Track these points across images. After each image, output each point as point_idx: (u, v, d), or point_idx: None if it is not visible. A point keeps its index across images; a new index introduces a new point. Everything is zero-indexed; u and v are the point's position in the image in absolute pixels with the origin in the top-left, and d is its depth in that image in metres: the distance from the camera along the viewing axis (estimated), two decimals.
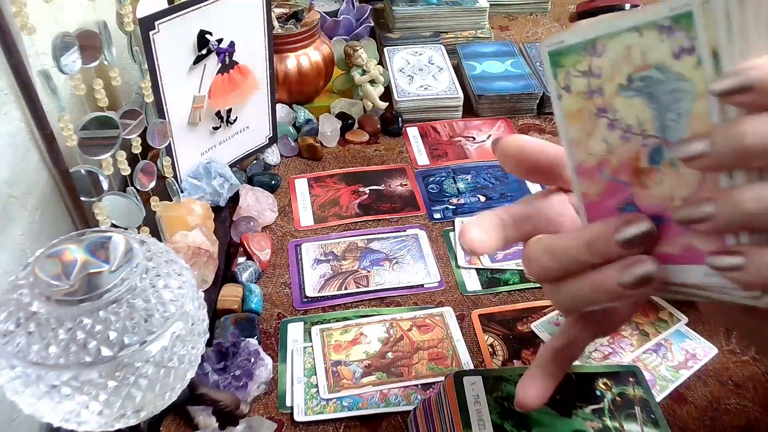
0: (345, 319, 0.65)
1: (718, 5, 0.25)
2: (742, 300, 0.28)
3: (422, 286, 0.69)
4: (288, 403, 0.57)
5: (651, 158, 0.29)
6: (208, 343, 0.57)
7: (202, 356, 0.45)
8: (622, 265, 0.30)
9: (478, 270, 0.71)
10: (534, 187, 0.83)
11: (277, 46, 0.85)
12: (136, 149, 0.62)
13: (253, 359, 0.57)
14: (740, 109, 0.26)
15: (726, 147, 0.25)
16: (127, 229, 0.59)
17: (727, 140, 0.25)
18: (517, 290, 0.68)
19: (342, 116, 0.93)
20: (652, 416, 0.51)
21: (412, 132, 0.94)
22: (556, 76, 0.31)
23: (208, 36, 0.68)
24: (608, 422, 0.50)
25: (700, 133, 0.26)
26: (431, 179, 0.84)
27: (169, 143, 0.69)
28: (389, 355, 0.61)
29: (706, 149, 0.26)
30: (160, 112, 0.67)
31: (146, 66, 0.63)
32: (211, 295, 0.65)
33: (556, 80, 0.31)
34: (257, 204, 0.77)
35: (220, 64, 0.72)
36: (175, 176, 0.70)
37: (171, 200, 0.70)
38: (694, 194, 0.28)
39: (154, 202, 0.66)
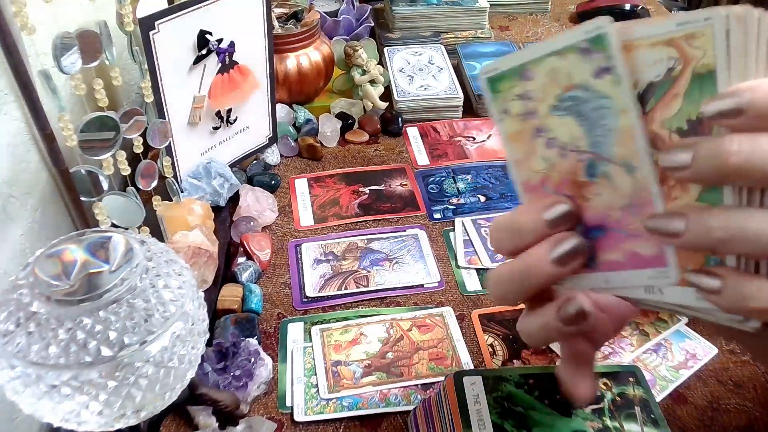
0: (345, 319, 0.65)
1: (718, 24, 0.25)
2: (727, 323, 0.28)
3: (422, 286, 0.69)
4: (288, 403, 0.57)
5: (587, 172, 0.31)
6: (208, 343, 0.57)
7: (202, 356, 0.45)
8: (560, 303, 0.34)
9: (478, 270, 0.71)
10: None
11: (277, 46, 0.85)
12: (138, 149, 0.62)
13: (253, 359, 0.57)
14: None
15: (709, 163, 0.25)
16: (127, 229, 0.59)
17: (711, 157, 0.25)
18: None
19: (342, 116, 0.93)
20: (652, 416, 0.51)
21: (412, 132, 0.94)
22: (496, 101, 0.33)
23: (208, 36, 0.68)
24: (608, 422, 0.50)
25: (686, 144, 0.26)
26: (431, 179, 0.84)
27: (169, 143, 0.69)
28: (389, 355, 0.61)
29: (688, 162, 0.26)
30: (160, 112, 0.67)
31: (146, 66, 0.63)
32: (211, 295, 0.65)
33: (495, 105, 0.33)
34: (257, 204, 0.77)
35: (220, 64, 0.72)
36: (175, 176, 0.70)
37: (171, 200, 0.70)
38: (627, 205, 0.30)
39: (156, 201, 0.66)
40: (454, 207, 0.80)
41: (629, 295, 0.32)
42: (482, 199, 0.81)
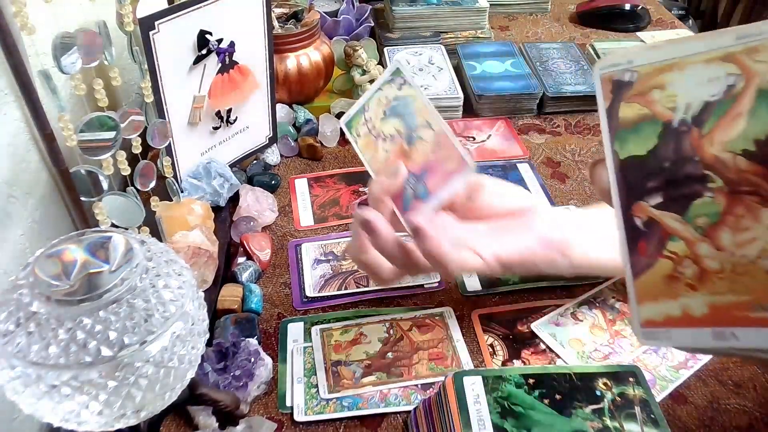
0: (345, 319, 0.65)
1: None
2: None
3: (422, 286, 0.69)
4: (288, 403, 0.57)
5: (408, 143, 0.50)
6: (208, 343, 0.57)
7: (202, 356, 0.45)
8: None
9: None
10: (534, 186, 0.83)
11: (277, 46, 0.85)
12: (136, 149, 0.62)
13: (253, 359, 0.57)
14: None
15: None
16: (127, 229, 0.59)
17: None
18: (517, 290, 0.68)
19: (342, 116, 0.93)
20: (652, 416, 0.51)
21: None
22: (351, 132, 0.55)
23: (208, 36, 0.68)
24: (608, 422, 0.50)
25: None
26: None
27: (169, 143, 0.69)
28: (389, 355, 0.61)
29: None
30: (160, 112, 0.67)
31: (146, 66, 0.63)
32: (211, 295, 0.65)
33: (351, 134, 0.55)
34: (257, 204, 0.77)
35: (220, 64, 0.72)
36: (175, 176, 0.70)
37: (171, 200, 0.70)
38: (434, 146, 0.48)
39: (155, 202, 0.66)
40: None
41: (700, 345, 0.29)
42: None
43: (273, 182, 0.82)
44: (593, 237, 0.56)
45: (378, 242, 0.50)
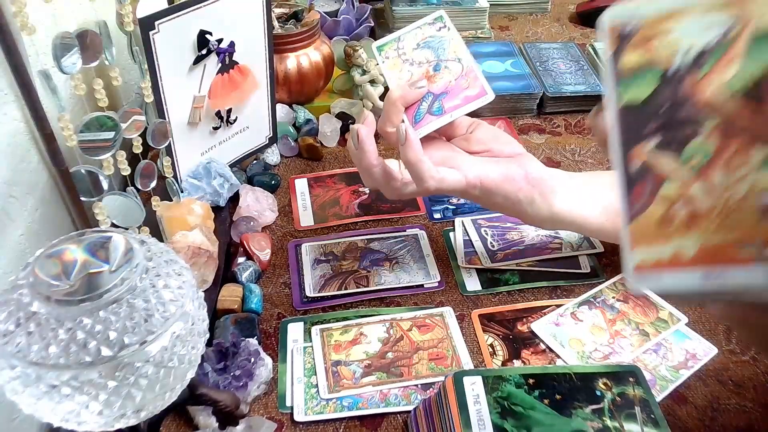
0: (345, 319, 0.65)
1: None
2: None
3: (422, 286, 0.69)
4: (288, 403, 0.57)
5: (434, 70, 0.58)
6: (208, 343, 0.57)
7: (202, 356, 0.45)
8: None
9: (478, 270, 0.71)
10: None
11: (277, 46, 0.85)
12: (137, 149, 0.62)
13: (253, 359, 0.57)
14: None
15: None
16: (127, 229, 0.59)
17: None
18: (517, 290, 0.68)
19: (342, 116, 0.93)
20: (652, 416, 0.51)
21: None
22: (381, 54, 0.61)
23: (208, 36, 0.68)
24: (608, 422, 0.50)
25: None
26: None
27: (169, 143, 0.69)
28: (389, 355, 0.61)
29: None
30: (160, 112, 0.67)
31: (146, 66, 0.63)
32: (211, 295, 0.65)
33: (381, 56, 0.61)
34: (257, 204, 0.77)
35: (220, 64, 0.72)
36: (175, 176, 0.70)
37: (171, 200, 0.70)
38: (459, 76, 0.57)
39: (155, 201, 0.66)
40: (454, 207, 0.80)
41: (689, 288, 0.29)
42: None
43: (273, 182, 0.82)
44: (578, 192, 0.59)
45: (362, 158, 0.54)
